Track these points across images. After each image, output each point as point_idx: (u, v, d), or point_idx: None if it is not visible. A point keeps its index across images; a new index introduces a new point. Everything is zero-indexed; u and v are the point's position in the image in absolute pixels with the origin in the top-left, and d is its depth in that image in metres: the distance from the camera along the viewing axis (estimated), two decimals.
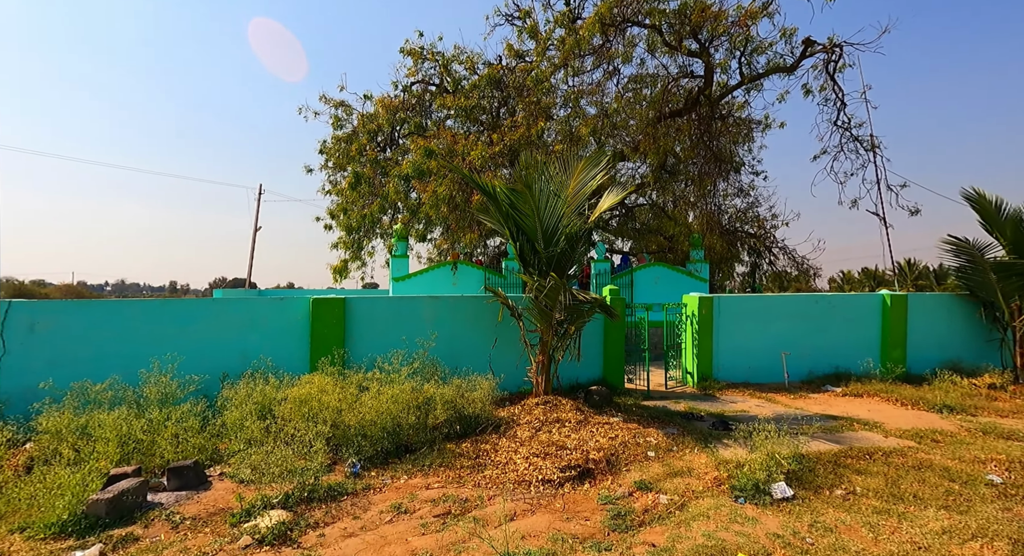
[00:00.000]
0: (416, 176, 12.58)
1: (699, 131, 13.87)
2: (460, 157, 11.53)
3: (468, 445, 5.19)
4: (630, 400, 7.25)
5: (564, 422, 5.82)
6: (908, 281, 33.13)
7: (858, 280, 38.90)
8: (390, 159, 15.10)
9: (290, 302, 6.77)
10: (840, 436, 5.51)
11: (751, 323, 8.96)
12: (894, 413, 6.74)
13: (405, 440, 5.12)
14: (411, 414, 5.16)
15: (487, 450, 5.06)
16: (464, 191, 11.80)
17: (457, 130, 14.84)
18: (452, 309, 7.65)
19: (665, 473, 4.56)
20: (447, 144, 12.72)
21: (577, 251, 6.46)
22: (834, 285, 39.81)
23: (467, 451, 5.04)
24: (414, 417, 5.12)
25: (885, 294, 9.48)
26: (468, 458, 4.88)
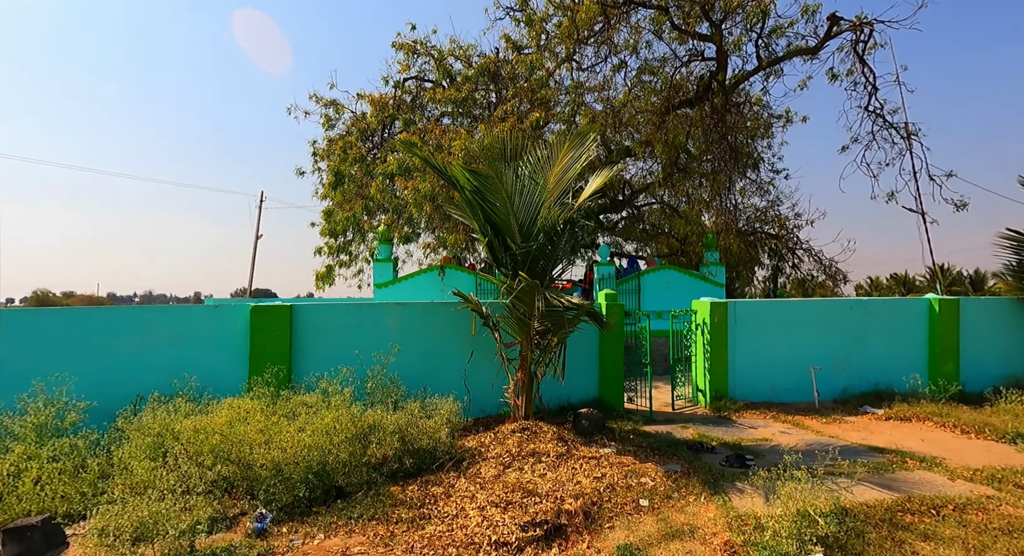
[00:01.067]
0: (401, 173, 11.73)
1: (712, 122, 12.77)
2: (446, 151, 10.67)
3: (415, 488, 4.19)
4: (628, 425, 6.18)
5: (541, 456, 4.80)
6: (942, 287, 31.24)
7: (887, 286, 36.95)
8: (378, 157, 14.33)
9: (226, 311, 5.90)
10: (892, 479, 4.36)
11: (773, 333, 7.81)
12: (954, 444, 5.54)
13: (337, 482, 4.15)
14: (345, 449, 4.19)
15: (437, 495, 4.06)
16: (448, 187, 10.89)
17: (450, 125, 14.02)
18: (422, 318, 6.70)
19: (660, 533, 3.50)
20: (435, 139, 11.87)
21: (559, 247, 5.46)
22: (861, 292, 37.90)
23: (412, 497, 4.04)
24: (347, 453, 4.14)
25: (932, 298, 8.25)
26: (410, 507, 3.88)
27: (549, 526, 3.54)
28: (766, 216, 17.14)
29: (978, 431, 5.91)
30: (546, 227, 5.14)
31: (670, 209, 15.46)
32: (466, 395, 6.44)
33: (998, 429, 5.80)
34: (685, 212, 12.89)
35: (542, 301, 4.95)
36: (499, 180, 5.12)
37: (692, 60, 12.52)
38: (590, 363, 7.21)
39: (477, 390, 6.52)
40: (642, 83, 13.74)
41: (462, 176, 5.15)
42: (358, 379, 5.70)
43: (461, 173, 5.12)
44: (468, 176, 5.12)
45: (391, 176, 11.98)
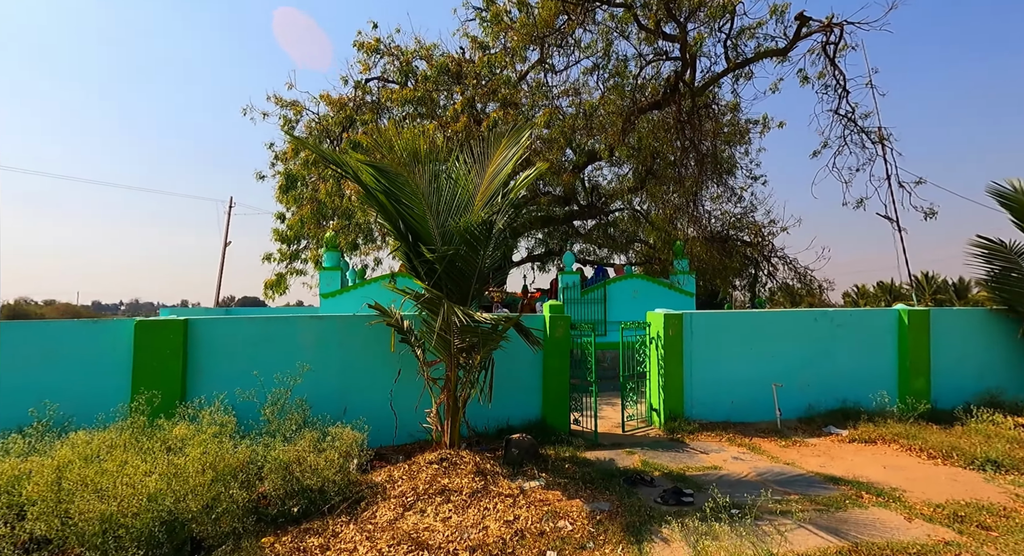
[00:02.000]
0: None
1: (680, 125, 12.45)
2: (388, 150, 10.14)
3: (290, 539, 3.59)
4: (568, 451, 5.65)
5: (453, 493, 4.24)
6: (926, 295, 31.40)
7: (873, 294, 37.20)
8: None
9: (106, 326, 5.26)
10: (842, 519, 3.88)
11: (734, 346, 7.37)
12: (919, 471, 5.10)
13: (195, 534, 3.54)
14: (210, 492, 3.58)
15: (311, 550, 3.47)
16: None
17: (411, 126, 13.49)
18: (342, 332, 6.11)
19: None
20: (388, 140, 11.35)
21: (480, 255, 4.93)
22: (848, 300, 38.10)
23: (281, 552, 3.44)
24: (210, 497, 3.53)
25: (902, 309, 7.89)
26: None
27: None
28: (741, 223, 16.92)
29: (945, 456, 5.49)
30: (465, 231, 4.61)
31: (641, 216, 15.10)
32: (393, 419, 5.90)
33: (966, 454, 5.38)
34: (654, 219, 12.48)
35: (456, 315, 4.42)
36: (411, 179, 4.60)
37: (656, 59, 12.19)
38: (533, 381, 6.68)
39: (406, 413, 5.95)
40: (614, 86, 13.42)
41: (368, 174, 4.61)
42: (259, 404, 5.09)
43: (366, 171, 4.58)
44: (374, 173, 4.57)
45: (339, 178, 11.42)
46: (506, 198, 5.06)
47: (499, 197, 5.13)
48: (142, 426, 4.43)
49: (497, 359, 6.43)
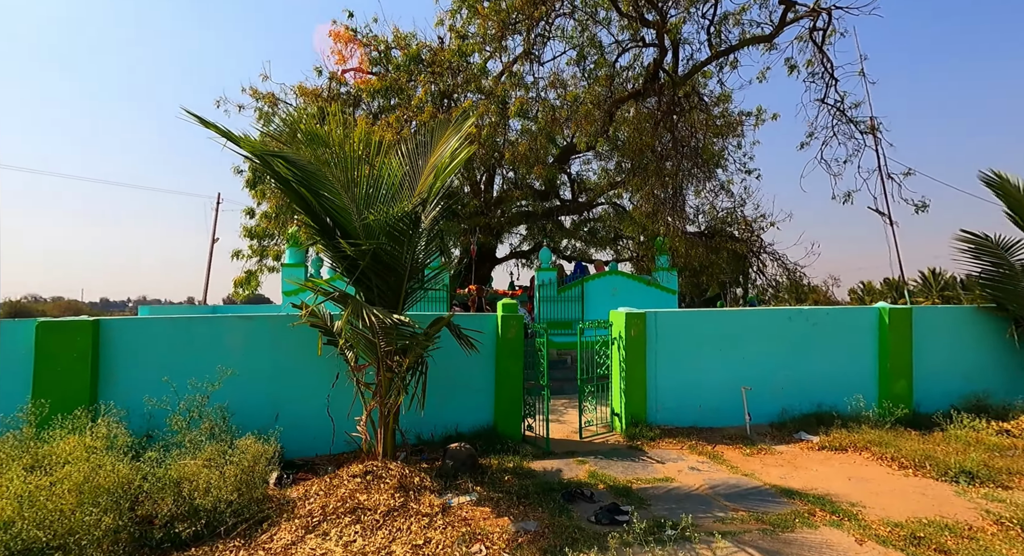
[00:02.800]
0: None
1: (661, 115, 12.06)
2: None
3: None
4: (513, 461, 5.30)
5: (367, 511, 3.90)
6: (934, 292, 30.97)
7: (880, 291, 36.74)
8: None
9: (3, 326, 4.91)
10: (787, 541, 3.53)
11: (703, 347, 7.02)
12: (887, 483, 4.75)
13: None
14: (80, 516, 3.23)
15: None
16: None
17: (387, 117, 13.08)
18: (275, 333, 5.76)
19: None
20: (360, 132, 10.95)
21: (408, 249, 4.58)
22: (854, 297, 37.67)
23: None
24: (62, 528, 3.16)
25: (882, 308, 7.53)
26: None
27: None
28: (730, 218, 16.53)
29: (918, 466, 5.14)
30: (387, 223, 4.25)
31: (622, 211, 14.73)
32: (331, 426, 5.56)
33: (940, 463, 5.04)
34: (633, 213, 12.09)
35: (371, 315, 4.07)
36: (327, 170, 4.23)
37: (634, 46, 11.78)
38: (485, 386, 6.33)
39: (346, 421, 5.60)
40: (593, 76, 13.02)
41: (280, 164, 4.23)
42: (170, 413, 4.75)
43: (279, 161, 4.19)
44: (282, 162, 4.20)
45: None
46: (433, 189, 4.69)
47: (429, 189, 4.77)
48: (30, 438, 4.08)
49: (445, 362, 6.11)
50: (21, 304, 40.78)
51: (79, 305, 50.12)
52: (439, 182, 4.55)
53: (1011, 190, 7.84)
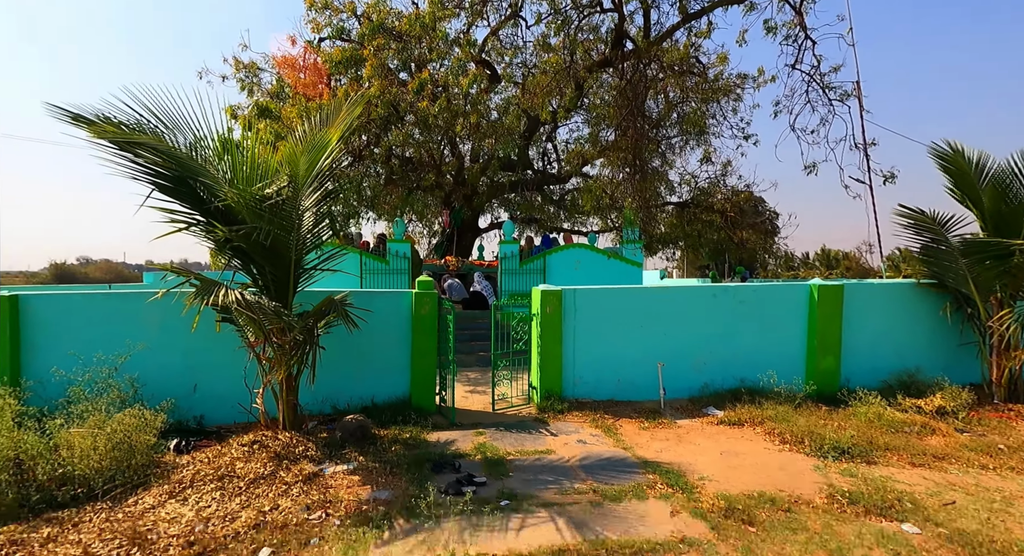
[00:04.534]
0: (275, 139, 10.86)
1: (626, 82, 11.78)
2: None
3: (21, 529, 3.57)
4: (410, 432, 5.61)
5: (234, 478, 4.26)
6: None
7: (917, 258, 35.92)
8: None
9: None
10: (607, 512, 3.77)
11: (623, 324, 7.16)
12: (755, 458, 4.95)
13: None
14: None
15: (35, 540, 3.43)
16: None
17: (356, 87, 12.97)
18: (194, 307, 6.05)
19: None
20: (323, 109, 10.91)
21: (294, 233, 4.75)
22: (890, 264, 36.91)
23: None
24: None
25: (813, 285, 7.54)
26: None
27: None
28: (716, 188, 16.25)
29: (797, 440, 5.31)
30: (254, 205, 4.40)
31: (592, 183, 14.59)
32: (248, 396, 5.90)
33: (819, 439, 5.19)
34: (591, 185, 12.01)
35: (235, 298, 4.30)
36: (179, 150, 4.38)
37: (592, 10, 11.41)
38: (401, 359, 6.61)
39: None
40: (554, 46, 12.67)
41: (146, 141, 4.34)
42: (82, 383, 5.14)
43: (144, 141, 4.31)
44: (150, 141, 4.31)
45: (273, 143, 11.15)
46: (306, 172, 4.81)
47: (316, 170, 4.89)
48: None
49: (362, 336, 6.38)
50: (66, 266, 42.16)
51: (119, 268, 51.62)
52: (313, 166, 4.67)
53: (961, 164, 7.60)
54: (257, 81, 15.36)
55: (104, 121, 4.06)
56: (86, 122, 4.03)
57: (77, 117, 3.91)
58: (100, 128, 3.91)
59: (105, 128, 3.93)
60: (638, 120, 11.39)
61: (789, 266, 18.92)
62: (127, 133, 4.06)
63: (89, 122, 4.02)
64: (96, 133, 3.91)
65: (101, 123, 4.09)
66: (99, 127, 3.94)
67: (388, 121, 11.05)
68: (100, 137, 3.90)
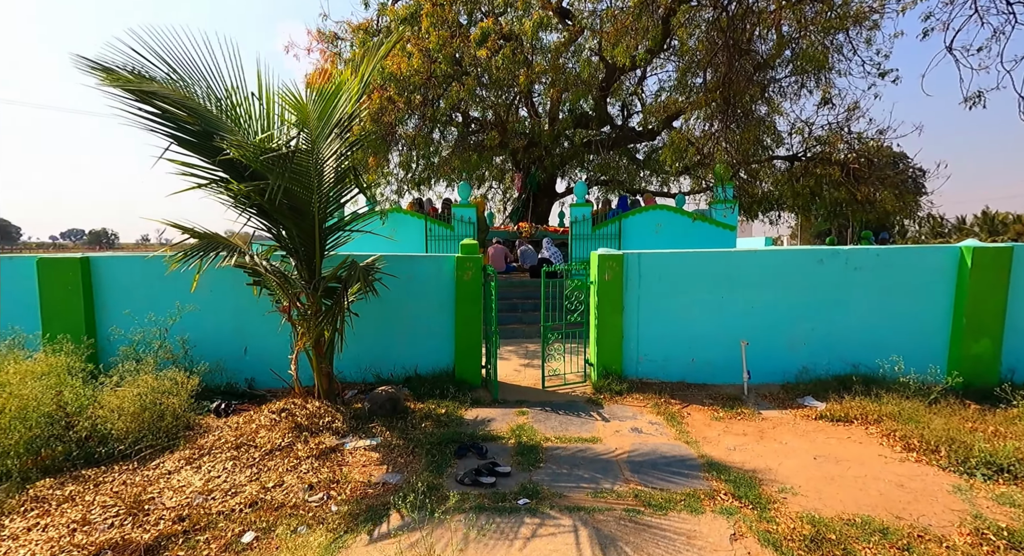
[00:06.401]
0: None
1: (722, 10, 10.01)
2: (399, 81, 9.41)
3: (50, 485, 3.65)
4: (447, 406, 5.23)
5: (251, 448, 4.15)
6: None
7: None
8: None
9: (11, 263, 5.78)
10: (648, 526, 3.03)
11: (699, 294, 6.11)
12: (863, 468, 3.86)
13: None
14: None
15: (56, 498, 3.48)
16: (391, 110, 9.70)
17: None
18: (233, 270, 6.08)
19: None
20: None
21: (315, 191, 4.41)
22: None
23: (22, 500, 3.50)
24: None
25: (965, 247, 5.88)
26: None
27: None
28: (835, 136, 13.78)
29: (930, 449, 4.08)
30: (259, 154, 4.06)
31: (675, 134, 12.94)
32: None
33: (963, 450, 3.95)
34: (673, 137, 10.55)
35: (250, 258, 4.07)
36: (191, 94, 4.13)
37: None
38: (445, 328, 6.21)
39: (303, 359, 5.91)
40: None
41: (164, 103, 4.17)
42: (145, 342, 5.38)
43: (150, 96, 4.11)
44: (169, 101, 4.12)
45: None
46: (325, 120, 4.37)
47: (331, 119, 4.47)
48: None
49: (403, 302, 6.10)
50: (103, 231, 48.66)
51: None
52: (326, 114, 4.23)
53: None
54: (338, 51, 15.54)
55: (122, 70, 3.91)
56: (103, 70, 3.90)
57: (98, 66, 3.78)
58: (116, 76, 3.76)
59: (121, 77, 3.78)
60: (734, 56, 9.67)
61: (937, 232, 15.84)
62: (138, 80, 3.88)
63: (107, 70, 3.89)
64: (112, 81, 3.76)
65: (119, 71, 3.95)
66: (116, 75, 3.80)
67: (451, 77, 10.48)
68: (115, 85, 3.74)
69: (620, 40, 10.07)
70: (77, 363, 4.73)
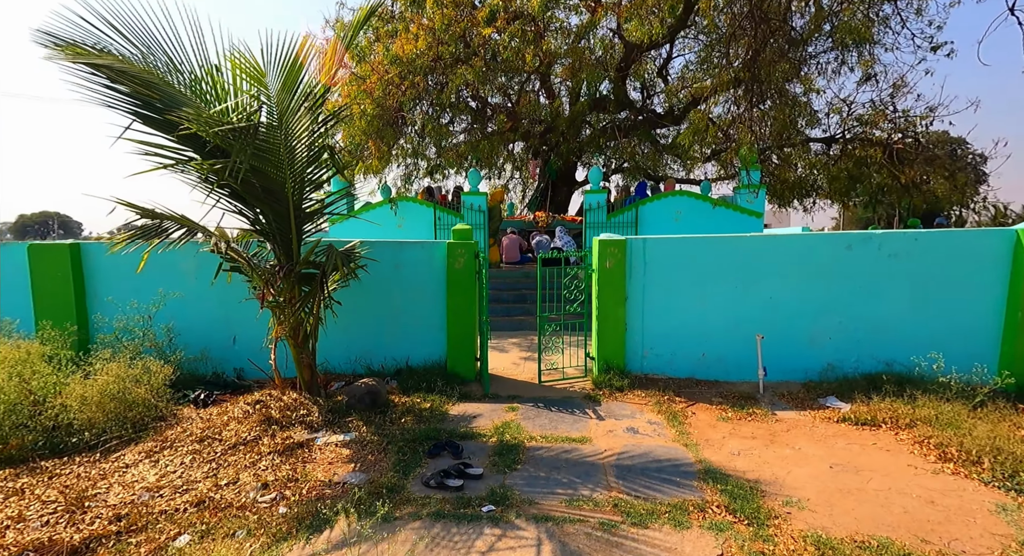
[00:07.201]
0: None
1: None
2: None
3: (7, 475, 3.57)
4: (432, 401, 4.96)
5: (213, 442, 3.99)
6: None
7: None
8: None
9: (9, 249, 5.80)
10: (611, 543, 2.66)
11: (712, 284, 5.63)
12: (887, 479, 3.37)
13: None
14: None
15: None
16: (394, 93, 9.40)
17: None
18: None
19: None
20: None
21: (286, 170, 4.16)
22: None
23: None
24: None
25: (1021, 229, 5.20)
26: None
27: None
28: (877, 115, 12.81)
29: (971, 460, 3.55)
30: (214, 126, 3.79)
31: (695, 114, 12.23)
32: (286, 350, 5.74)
33: (1012, 460, 3.41)
34: (693, 117, 9.91)
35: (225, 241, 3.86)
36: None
37: None
38: (436, 319, 5.93)
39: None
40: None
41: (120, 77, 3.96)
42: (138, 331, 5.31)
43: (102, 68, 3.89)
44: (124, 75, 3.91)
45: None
46: (289, 91, 4.10)
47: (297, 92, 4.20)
48: None
49: (393, 291, 5.87)
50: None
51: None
52: (290, 85, 3.96)
53: None
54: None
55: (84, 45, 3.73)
56: (57, 44, 3.72)
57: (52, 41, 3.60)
58: (75, 51, 3.58)
59: (78, 50, 3.59)
60: (766, 32, 8.98)
61: (1000, 223, 14.70)
62: (94, 53, 3.69)
63: (64, 44, 3.71)
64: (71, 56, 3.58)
65: (78, 46, 3.76)
66: (75, 49, 3.61)
67: (459, 59, 10.13)
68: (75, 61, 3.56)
69: (637, 13, 9.51)
70: (62, 350, 4.67)
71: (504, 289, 9.64)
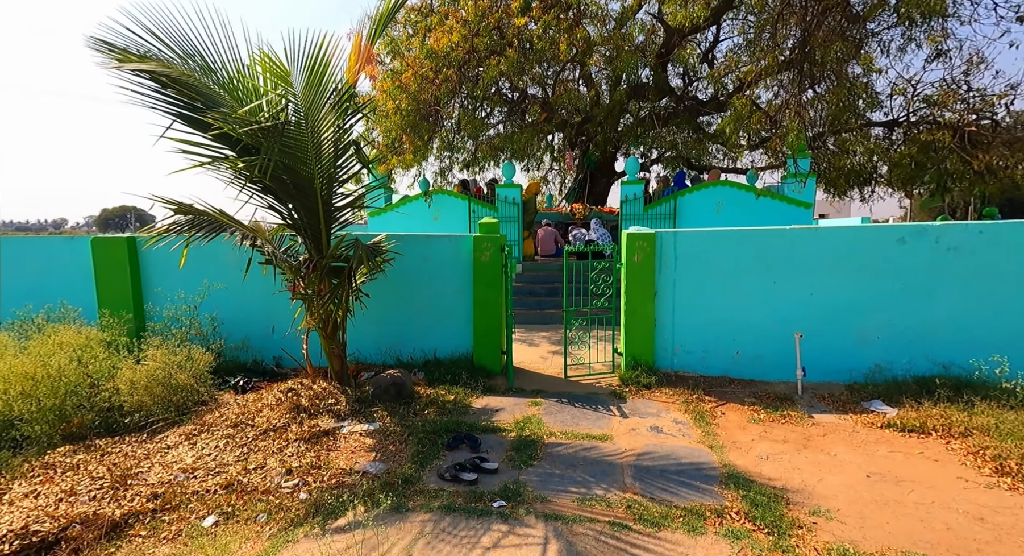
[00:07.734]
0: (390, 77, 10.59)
1: None
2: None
3: (64, 452, 3.83)
4: (456, 393, 5.02)
5: (245, 428, 4.19)
6: None
7: None
8: None
9: (76, 242, 6.28)
10: (618, 548, 2.60)
11: (749, 279, 5.38)
12: (934, 491, 3.13)
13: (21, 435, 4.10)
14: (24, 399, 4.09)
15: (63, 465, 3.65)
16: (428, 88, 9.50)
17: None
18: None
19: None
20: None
21: (315, 165, 4.29)
22: None
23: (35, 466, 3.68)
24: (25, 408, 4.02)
25: None
26: None
27: (50, 538, 2.86)
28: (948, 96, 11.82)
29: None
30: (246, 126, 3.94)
31: (737, 100, 11.65)
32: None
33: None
34: (735, 103, 9.43)
35: (244, 232, 4.04)
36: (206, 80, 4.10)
37: None
38: (464, 312, 5.98)
39: None
40: None
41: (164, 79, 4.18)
42: (184, 320, 5.66)
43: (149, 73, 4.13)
44: (166, 78, 4.13)
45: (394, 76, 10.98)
46: (317, 89, 4.20)
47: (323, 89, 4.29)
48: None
49: (421, 284, 5.97)
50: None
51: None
52: (317, 84, 4.06)
53: None
54: (391, 37, 15.53)
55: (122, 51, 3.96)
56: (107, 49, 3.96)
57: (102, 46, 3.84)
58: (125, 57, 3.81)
59: (124, 54, 3.82)
60: (812, 1, 8.43)
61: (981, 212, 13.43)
62: (135, 58, 3.91)
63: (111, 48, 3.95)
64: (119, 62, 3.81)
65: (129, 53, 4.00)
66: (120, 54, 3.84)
67: (493, 51, 10.08)
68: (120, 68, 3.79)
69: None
70: (119, 337, 5.04)
71: (537, 282, 9.60)
